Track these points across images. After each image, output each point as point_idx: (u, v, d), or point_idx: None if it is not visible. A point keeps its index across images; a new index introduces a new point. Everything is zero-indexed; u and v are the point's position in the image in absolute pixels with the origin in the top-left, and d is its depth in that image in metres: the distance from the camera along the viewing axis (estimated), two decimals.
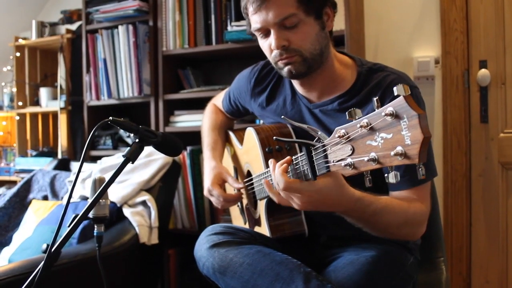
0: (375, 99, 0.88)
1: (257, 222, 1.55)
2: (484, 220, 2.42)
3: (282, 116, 1.27)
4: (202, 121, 1.91)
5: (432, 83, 2.48)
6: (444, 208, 2.44)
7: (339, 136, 0.95)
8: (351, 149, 0.93)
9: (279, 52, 1.35)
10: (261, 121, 1.76)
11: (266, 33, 1.36)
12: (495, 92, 2.38)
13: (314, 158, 1.06)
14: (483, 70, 2.38)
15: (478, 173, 2.42)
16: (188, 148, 2.63)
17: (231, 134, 1.82)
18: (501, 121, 2.37)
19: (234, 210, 1.82)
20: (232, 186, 1.60)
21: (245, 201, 1.66)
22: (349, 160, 0.93)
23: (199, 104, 2.59)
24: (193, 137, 2.44)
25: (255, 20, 1.34)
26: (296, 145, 1.43)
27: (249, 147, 1.58)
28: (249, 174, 1.62)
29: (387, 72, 1.38)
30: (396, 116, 0.82)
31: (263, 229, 1.48)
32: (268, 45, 1.37)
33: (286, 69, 1.37)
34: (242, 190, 1.65)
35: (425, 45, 2.50)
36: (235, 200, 1.63)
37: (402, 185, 1.29)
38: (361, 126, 0.89)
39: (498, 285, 2.39)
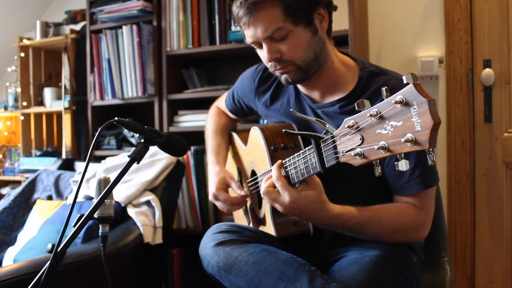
0: (383, 88, 0.89)
1: (262, 222, 1.56)
2: (488, 220, 2.41)
3: (291, 109, 1.30)
4: (206, 124, 1.91)
5: (436, 83, 2.48)
6: (448, 208, 2.44)
7: (348, 127, 0.95)
8: (360, 139, 0.93)
9: (273, 64, 1.37)
10: (265, 121, 1.77)
11: (259, 45, 1.38)
12: (499, 92, 2.37)
13: (322, 150, 1.06)
14: (487, 70, 2.37)
15: (482, 172, 2.42)
16: (192, 148, 2.63)
17: (235, 135, 1.82)
18: (505, 121, 2.37)
19: (238, 211, 1.83)
20: (235, 193, 1.61)
21: (248, 202, 1.66)
22: (358, 149, 0.94)
23: (203, 104, 2.60)
24: (197, 137, 2.45)
25: (247, 34, 1.37)
26: (301, 144, 1.44)
27: (254, 147, 1.58)
28: (253, 174, 1.62)
29: (389, 76, 1.38)
30: (406, 103, 0.83)
31: (268, 228, 1.48)
32: (263, 55, 1.38)
33: (282, 77, 1.40)
34: (247, 191, 1.65)
35: (429, 44, 2.50)
36: (241, 203, 1.62)
37: (403, 191, 1.32)
38: (370, 115, 0.89)
39: (502, 285, 2.39)
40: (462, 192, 2.44)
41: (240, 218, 1.80)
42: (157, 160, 2.35)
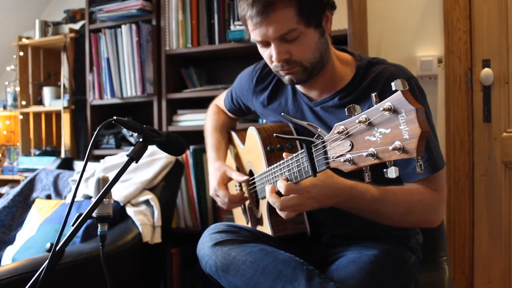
0: (373, 94, 0.88)
1: (259, 221, 1.56)
2: (486, 220, 2.42)
3: (282, 114, 1.30)
4: (205, 122, 1.92)
5: (435, 83, 2.48)
6: (447, 208, 2.44)
7: (338, 132, 0.95)
8: (350, 145, 0.93)
9: (280, 64, 1.35)
10: (264, 121, 1.77)
11: (265, 44, 1.36)
12: (498, 92, 2.37)
13: (314, 155, 1.07)
14: (486, 70, 2.37)
15: (481, 172, 2.42)
16: (191, 147, 2.63)
17: (233, 134, 1.82)
18: (504, 121, 2.37)
19: (237, 210, 1.83)
20: (237, 180, 1.60)
21: (247, 201, 1.66)
22: (348, 155, 0.94)
23: (202, 103, 2.60)
24: (196, 136, 2.45)
25: (256, 33, 1.34)
26: (298, 144, 1.44)
27: (251, 147, 1.58)
28: (251, 173, 1.62)
29: (386, 64, 1.39)
30: (394, 111, 0.83)
31: (265, 228, 1.48)
32: (268, 55, 1.37)
33: (287, 77, 1.39)
34: (245, 190, 1.65)
35: (428, 44, 2.50)
36: (240, 201, 1.63)
37: (412, 177, 1.31)
38: (359, 122, 0.89)
39: (501, 285, 2.39)
40: (461, 191, 2.44)
41: (239, 217, 1.81)
42: (156, 160, 2.35)
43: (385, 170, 0.88)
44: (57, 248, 1.09)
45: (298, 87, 1.50)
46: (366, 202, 1.23)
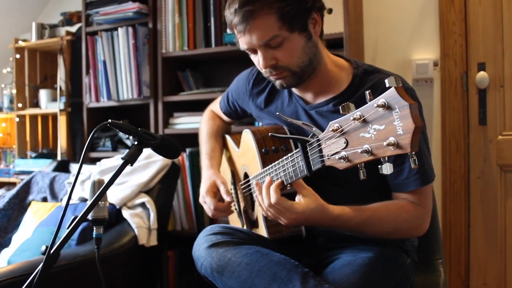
0: (367, 92, 0.89)
1: (255, 224, 1.56)
2: (482, 222, 2.42)
3: (277, 113, 1.33)
4: (200, 128, 1.92)
5: (431, 86, 2.49)
6: (442, 210, 2.45)
7: (333, 130, 0.96)
8: (345, 142, 0.94)
9: (268, 70, 1.37)
10: (260, 124, 1.77)
11: (253, 51, 1.38)
12: (493, 95, 2.38)
13: (309, 154, 1.07)
14: (482, 73, 2.38)
15: (476, 175, 2.43)
16: (188, 150, 2.63)
17: (228, 138, 1.82)
18: (499, 124, 2.38)
19: (232, 214, 1.83)
20: (222, 196, 1.61)
21: (242, 204, 1.66)
22: (343, 153, 0.94)
23: (198, 106, 2.60)
24: (192, 139, 2.45)
25: (242, 41, 1.36)
26: (293, 146, 1.44)
27: (246, 149, 1.59)
28: (246, 176, 1.62)
29: (383, 74, 1.39)
30: (388, 107, 0.83)
31: (261, 230, 1.48)
32: (257, 61, 1.39)
33: (277, 82, 1.41)
34: (240, 194, 1.66)
35: (424, 47, 2.51)
36: (225, 210, 1.63)
37: (402, 187, 1.32)
38: (354, 119, 0.90)
39: (497, 287, 2.39)
40: (457, 194, 2.44)
41: (234, 220, 1.80)
42: (152, 162, 2.35)
43: (379, 166, 0.89)
44: (52, 251, 1.09)
45: (294, 90, 1.51)
46: (350, 228, 1.29)
